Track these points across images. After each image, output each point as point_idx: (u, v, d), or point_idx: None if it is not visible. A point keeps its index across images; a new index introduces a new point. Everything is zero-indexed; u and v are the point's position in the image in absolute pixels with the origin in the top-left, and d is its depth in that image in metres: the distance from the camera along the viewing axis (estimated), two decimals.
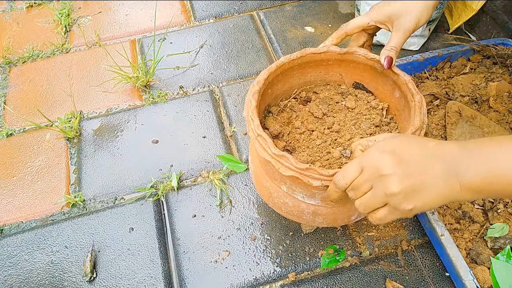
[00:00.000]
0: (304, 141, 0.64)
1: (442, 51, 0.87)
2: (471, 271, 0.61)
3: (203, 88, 1.03)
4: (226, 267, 0.73)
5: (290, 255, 0.73)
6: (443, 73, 0.88)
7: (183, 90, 1.02)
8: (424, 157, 0.44)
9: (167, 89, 1.03)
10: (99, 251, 0.76)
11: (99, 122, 0.97)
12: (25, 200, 0.85)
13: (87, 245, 0.77)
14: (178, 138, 0.92)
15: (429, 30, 1.03)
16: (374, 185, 0.46)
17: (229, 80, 1.04)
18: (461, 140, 0.78)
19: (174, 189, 0.83)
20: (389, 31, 0.63)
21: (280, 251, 0.74)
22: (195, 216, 0.80)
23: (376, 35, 0.69)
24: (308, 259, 0.73)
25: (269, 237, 0.76)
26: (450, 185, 0.43)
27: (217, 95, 1.01)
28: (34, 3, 1.29)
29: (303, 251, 0.73)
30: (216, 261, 0.73)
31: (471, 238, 0.69)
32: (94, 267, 0.74)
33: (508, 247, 0.65)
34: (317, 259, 0.72)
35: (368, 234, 0.74)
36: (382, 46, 1.00)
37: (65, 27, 1.20)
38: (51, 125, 0.96)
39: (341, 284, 0.70)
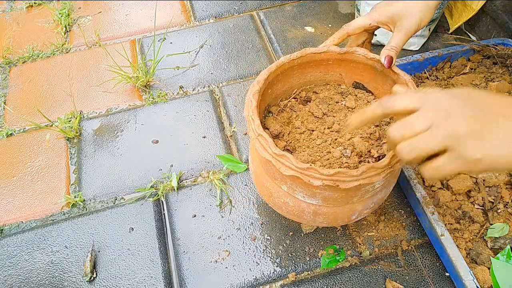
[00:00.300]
0: (305, 140, 0.64)
1: (442, 51, 0.87)
2: (471, 271, 0.61)
3: (203, 88, 1.03)
4: (226, 267, 0.73)
5: (290, 255, 0.73)
6: (443, 73, 0.88)
7: (183, 90, 1.02)
8: (503, 102, 0.37)
9: (167, 89, 1.03)
10: (99, 251, 0.76)
11: (99, 122, 0.97)
12: (25, 200, 0.85)
13: (87, 245, 0.77)
14: (178, 138, 0.92)
15: (429, 30, 1.03)
16: (433, 124, 0.37)
17: (229, 80, 1.04)
18: None
19: (174, 189, 0.83)
20: (391, 31, 0.63)
21: (280, 251, 0.74)
22: (195, 216, 0.80)
23: (376, 35, 0.70)
24: (308, 259, 0.73)
25: (269, 237, 0.76)
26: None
27: (217, 95, 1.01)
28: (34, 3, 1.29)
29: (303, 251, 0.73)
30: (216, 261, 0.73)
31: (471, 238, 0.69)
32: (94, 267, 0.74)
33: (508, 247, 0.65)
34: (317, 259, 0.72)
35: (368, 234, 0.74)
36: (382, 46, 1.00)
37: (65, 27, 1.20)
38: (51, 125, 0.96)
39: (341, 284, 0.70)
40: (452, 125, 0.36)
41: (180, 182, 0.85)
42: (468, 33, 1.08)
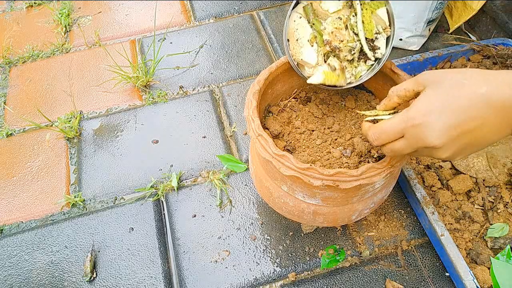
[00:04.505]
0: (305, 141, 0.64)
1: (442, 51, 0.87)
2: (471, 271, 0.61)
3: (203, 88, 1.03)
4: (226, 267, 0.73)
5: (290, 255, 0.73)
6: None
7: (183, 90, 1.02)
8: (474, 113, 0.41)
9: (167, 89, 1.03)
10: (99, 251, 0.76)
11: (99, 122, 0.97)
12: (25, 200, 0.85)
13: (87, 245, 0.77)
14: (178, 138, 0.92)
15: (429, 30, 1.03)
16: (418, 150, 0.45)
17: (229, 80, 1.04)
18: None
19: (174, 189, 0.83)
20: None
21: (280, 251, 0.74)
22: (195, 216, 0.80)
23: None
24: (308, 259, 0.73)
25: (269, 237, 0.76)
26: (502, 133, 0.42)
27: (217, 95, 1.01)
28: (34, 3, 1.29)
29: (303, 251, 0.73)
30: (216, 261, 0.73)
31: (471, 238, 0.69)
32: (94, 267, 0.74)
33: (508, 247, 0.65)
34: (317, 259, 0.72)
35: (368, 234, 0.74)
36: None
37: (65, 27, 1.20)
38: (51, 125, 0.96)
39: (341, 284, 0.70)
40: (434, 155, 0.45)
41: (180, 182, 0.85)
42: (468, 33, 1.08)
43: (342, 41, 0.57)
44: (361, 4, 0.56)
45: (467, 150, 0.44)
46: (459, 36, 1.05)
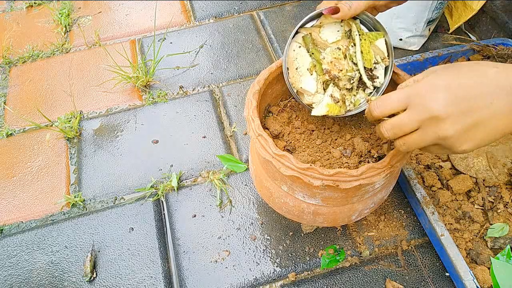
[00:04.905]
0: (304, 141, 0.64)
1: (442, 51, 0.87)
2: (471, 271, 0.61)
3: (203, 88, 1.03)
4: (226, 267, 0.73)
5: (290, 255, 0.73)
6: None
7: (183, 90, 1.02)
8: (483, 90, 0.39)
9: (167, 89, 1.03)
10: (99, 251, 0.76)
11: (99, 122, 0.97)
12: (25, 200, 0.85)
13: (87, 245, 0.77)
14: (178, 138, 0.92)
15: (429, 30, 1.03)
16: (423, 126, 0.42)
17: (229, 80, 1.04)
18: None
19: (174, 189, 0.83)
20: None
21: (280, 251, 0.74)
22: (195, 216, 0.80)
23: None
24: (308, 259, 0.73)
25: (269, 237, 0.76)
26: (510, 121, 0.39)
27: (217, 95, 1.01)
28: (34, 3, 1.29)
29: (303, 251, 0.73)
30: (216, 261, 0.73)
31: (471, 238, 0.69)
32: (94, 267, 0.74)
33: (508, 247, 0.65)
34: (317, 259, 0.72)
35: (368, 234, 0.74)
36: None
37: (65, 27, 1.20)
38: (51, 125, 0.96)
39: (341, 284, 0.70)
40: (440, 131, 0.41)
41: (180, 182, 0.85)
42: (468, 33, 1.08)
43: (341, 70, 0.57)
44: (359, 35, 0.57)
45: (475, 133, 0.41)
46: (459, 36, 1.05)
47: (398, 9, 0.97)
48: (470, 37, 1.07)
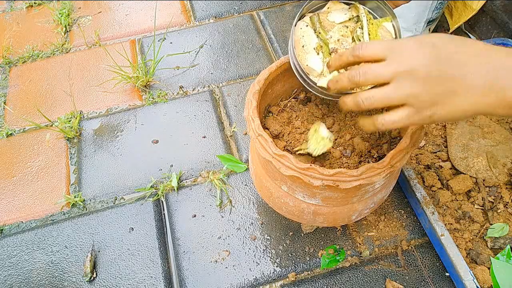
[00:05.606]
0: (305, 141, 0.64)
1: None
2: (471, 271, 0.61)
3: (203, 88, 1.03)
4: (226, 267, 0.73)
5: (290, 255, 0.73)
6: None
7: (183, 90, 1.02)
8: (467, 58, 0.38)
9: (167, 89, 1.03)
10: (99, 251, 0.76)
11: (99, 122, 0.97)
12: (25, 200, 0.85)
13: (87, 245, 0.77)
14: (178, 138, 0.92)
15: (429, 30, 1.03)
16: (397, 78, 0.40)
17: (229, 80, 1.04)
18: (465, 136, 0.78)
19: (174, 189, 0.83)
20: None
21: (280, 251, 0.74)
22: (195, 216, 0.80)
23: None
24: (308, 259, 0.73)
25: (269, 237, 0.76)
26: (488, 99, 0.37)
27: (217, 95, 1.01)
28: (34, 3, 1.29)
29: (303, 251, 0.73)
30: (216, 261, 0.73)
31: (471, 238, 0.69)
32: (94, 267, 0.74)
33: (508, 247, 0.65)
34: (317, 259, 0.72)
35: (368, 234, 0.74)
36: None
37: (65, 27, 1.20)
38: (51, 125, 0.96)
39: (341, 284, 0.70)
40: (413, 88, 0.39)
41: (180, 182, 0.85)
42: (468, 33, 1.08)
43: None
44: (367, 20, 0.57)
45: (446, 100, 0.39)
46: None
47: (398, 9, 0.96)
48: (470, 37, 1.07)
